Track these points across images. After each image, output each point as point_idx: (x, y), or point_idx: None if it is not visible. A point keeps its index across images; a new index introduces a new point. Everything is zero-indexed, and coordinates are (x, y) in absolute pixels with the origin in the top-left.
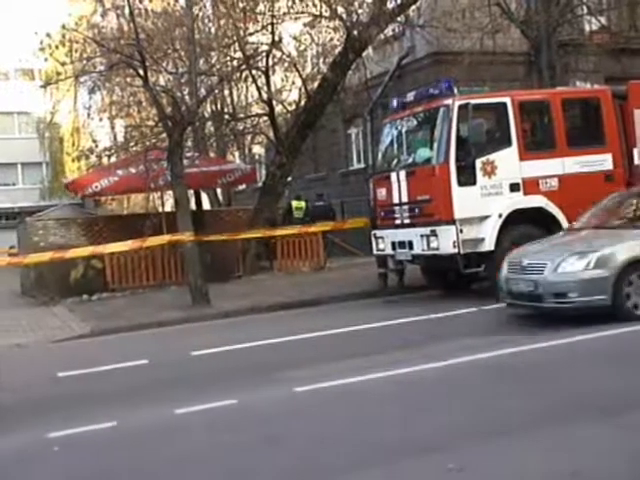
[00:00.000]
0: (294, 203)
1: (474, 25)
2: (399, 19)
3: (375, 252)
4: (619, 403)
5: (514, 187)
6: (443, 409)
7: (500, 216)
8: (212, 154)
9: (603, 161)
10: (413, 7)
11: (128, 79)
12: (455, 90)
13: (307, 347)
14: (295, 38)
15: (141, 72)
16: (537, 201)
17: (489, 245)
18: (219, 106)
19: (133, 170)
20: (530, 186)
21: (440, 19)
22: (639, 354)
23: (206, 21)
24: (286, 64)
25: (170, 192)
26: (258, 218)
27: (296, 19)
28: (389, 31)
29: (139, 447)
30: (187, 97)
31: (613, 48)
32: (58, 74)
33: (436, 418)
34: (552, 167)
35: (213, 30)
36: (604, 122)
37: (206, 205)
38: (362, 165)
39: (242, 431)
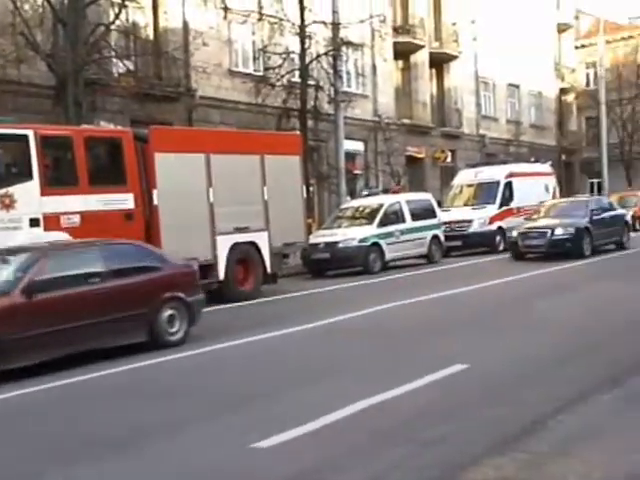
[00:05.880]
0: None
1: None
2: None
3: None
4: (134, 436)
5: (34, 222)
6: None
7: None
8: None
9: (125, 200)
10: None
11: None
12: None
13: None
14: None
15: None
16: (57, 236)
17: None
18: None
19: None
20: (51, 221)
21: None
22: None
23: None
24: None
25: None
26: None
27: None
28: None
29: None
30: None
31: (138, 92)
32: None
33: None
34: (74, 203)
35: None
36: (126, 163)
37: None
38: None
39: None
